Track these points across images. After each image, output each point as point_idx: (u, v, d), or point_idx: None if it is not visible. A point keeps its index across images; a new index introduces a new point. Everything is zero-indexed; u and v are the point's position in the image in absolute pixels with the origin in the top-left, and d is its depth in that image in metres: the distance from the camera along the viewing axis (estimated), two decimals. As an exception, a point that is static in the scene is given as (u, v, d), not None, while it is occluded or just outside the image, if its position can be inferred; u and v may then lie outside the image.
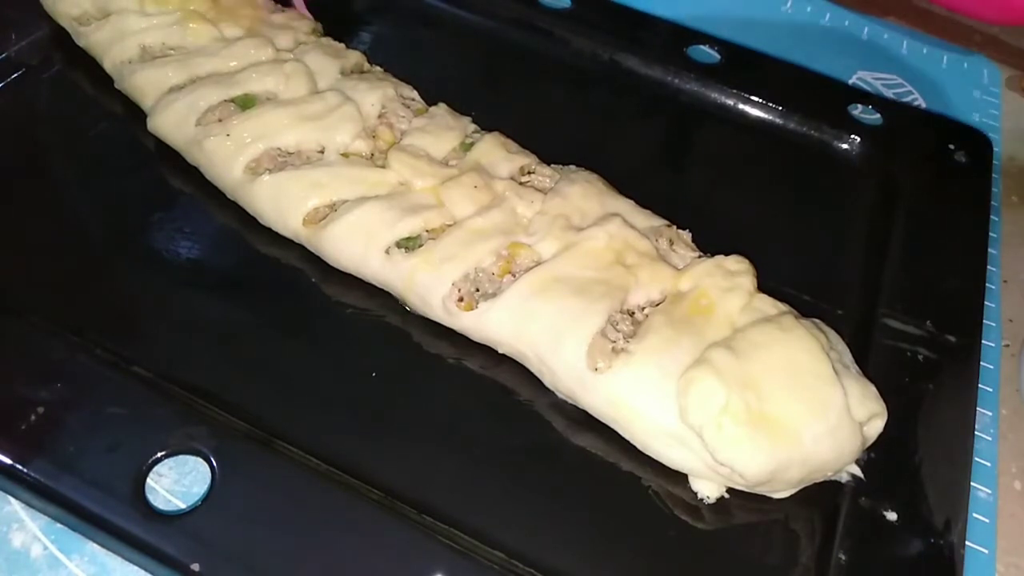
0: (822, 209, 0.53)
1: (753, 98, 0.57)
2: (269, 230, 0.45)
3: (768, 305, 0.40)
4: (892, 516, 0.38)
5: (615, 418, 0.39)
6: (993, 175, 0.55)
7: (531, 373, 0.41)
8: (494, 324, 0.40)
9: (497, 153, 0.46)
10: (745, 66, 0.60)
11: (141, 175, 0.48)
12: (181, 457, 0.36)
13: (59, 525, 0.35)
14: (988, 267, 0.50)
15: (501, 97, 0.56)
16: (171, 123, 0.47)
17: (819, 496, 0.38)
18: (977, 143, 0.57)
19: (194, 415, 0.37)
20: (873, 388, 0.38)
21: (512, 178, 0.45)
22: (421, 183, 0.44)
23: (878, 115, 0.57)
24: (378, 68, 0.52)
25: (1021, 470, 0.43)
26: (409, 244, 0.42)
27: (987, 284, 0.49)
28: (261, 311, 0.43)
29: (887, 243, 0.50)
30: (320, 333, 0.43)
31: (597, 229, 0.42)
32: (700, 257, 0.43)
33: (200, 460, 0.36)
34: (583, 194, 0.44)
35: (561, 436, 0.40)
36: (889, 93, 0.63)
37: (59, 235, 0.45)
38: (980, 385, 0.44)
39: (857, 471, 0.39)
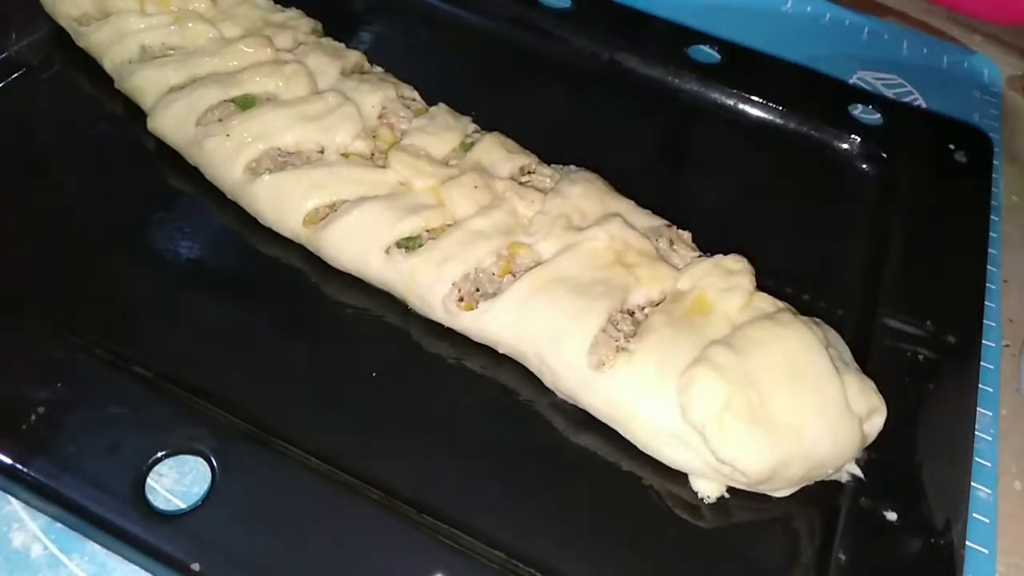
0: (822, 209, 0.53)
1: (753, 98, 0.57)
2: (269, 230, 0.45)
3: (767, 303, 0.40)
4: (892, 516, 0.38)
5: (615, 417, 0.39)
6: (993, 175, 0.55)
7: (531, 373, 0.41)
8: (494, 324, 0.40)
9: (497, 153, 0.46)
10: (745, 66, 0.60)
11: (141, 175, 0.48)
12: (181, 457, 0.36)
13: (59, 525, 0.35)
14: (988, 267, 0.50)
15: (501, 97, 0.56)
16: (171, 123, 0.47)
17: (819, 496, 0.38)
18: (977, 143, 0.57)
19: (194, 415, 0.37)
20: (872, 383, 0.39)
21: (512, 178, 0.45)
22: (421, 183, 0.44)
23: (878, 115, 0.57)
24: (379, 68, 0.52)
25: (1021, 470, 0.43)
26: (409, 244, 0.42)
27: (987, 284, 0.49)
28: (261, 311, 0.43)
29: (887, 243, 0.50)
30: (320, 333, 0.43)
31: (597, 229, 0.42)
32: (700, 257, 0.43)
33: (200, 460, 0.36)
34: (583, 194, 0.44)
35: (561, 436, 0.40)
36: (889, 93, 0.63)
37: (59, 235, 0.45)
38: (980, 385, 0.44)
39: (857, 471, 0.39)
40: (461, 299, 0.41)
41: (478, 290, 0.41)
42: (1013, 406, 0.46)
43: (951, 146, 0.56)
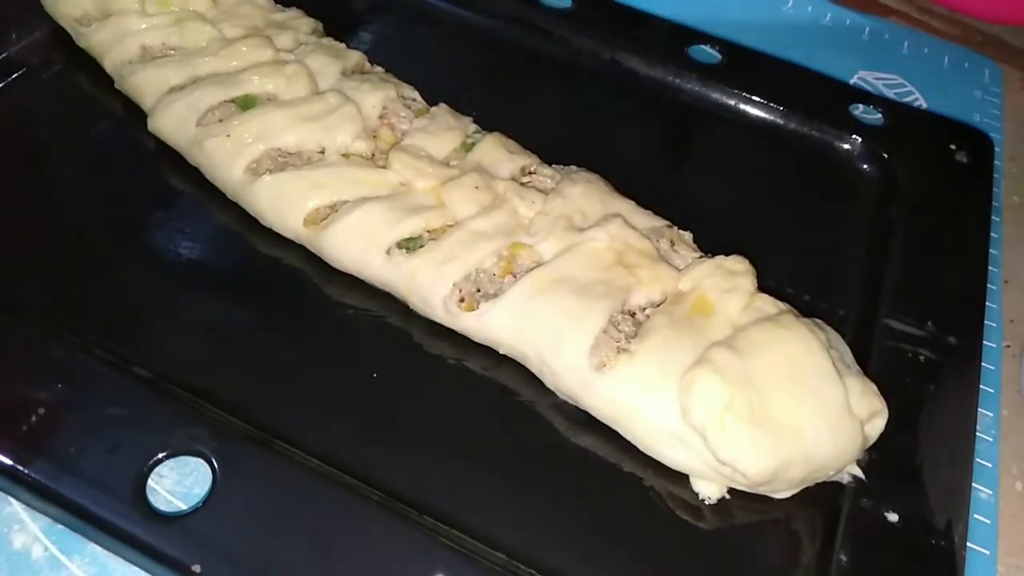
0: (823, 209, 0.53)
1: (754, 98, 0.57)
2: (270, 230, 0.45)
3: (768, 304, 0.40)
4: (893, 517, 0.38)
5: (616, 418, 0.39)
6: (994, 175, 0.55)
7: (532, 374, 0.41)
8: (495, 324, 0.40)
9: (498, 153, 0.46)
10: (746, 66, 0.60)
11: (141, 175, 0.48)
12: (182, 458, 0.36)
13: (60, 526, 0.35)
14: (989, 267, 0.50)
15: (502, 97, 0.56)
16: (171, 123, 0.47)
17: (820, 497, 0.38)
18: (978, 143, 0.57)
19: (194, 415, 0.37)
20: (873, 386, 0.38)
21: (513, 178, 0.45)
22: (422, 183, 0.44)
23: (879, 115, 0.57)
24: (379, 68, 0.52)
25: (1022, 471, 0.43)
26: (410, 245, 0.42)
27: (988, 284, 0.49)
28: (261, 311, 0.43)
29: (888, 243, 0.50)
30: (320, 333, 0.43)
31: (598, 230, 0.42)
32: (701, 257, 0.43)
33: (201, 461, 0.36)
34: (584, 194, 0.44)
35: (562, 437, 0.40)
36: (890, 93, 0.63)
37: (59, 235, 0.45)
38: (981, 386, 0.44)
39: (858, 472, 0.38)
40: (462, 300, 0.41)
41: (479, 291, 0.41)
42: (1014, 407, 0.46)
43: (952, 146, 0.56)
